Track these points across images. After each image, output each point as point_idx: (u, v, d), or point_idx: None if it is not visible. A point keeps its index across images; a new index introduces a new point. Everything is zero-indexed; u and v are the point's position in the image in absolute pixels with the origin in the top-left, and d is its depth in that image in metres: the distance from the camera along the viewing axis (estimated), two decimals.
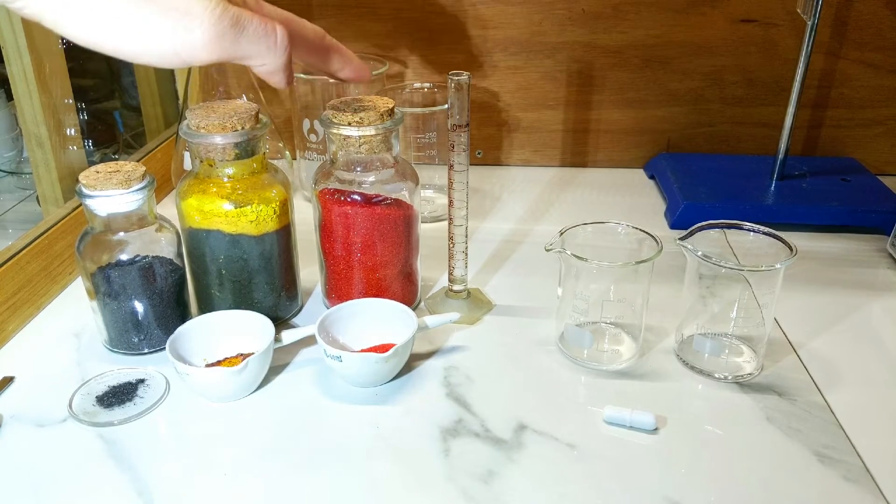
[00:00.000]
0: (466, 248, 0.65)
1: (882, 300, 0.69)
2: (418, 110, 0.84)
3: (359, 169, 0.61)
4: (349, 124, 0.57)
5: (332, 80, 0.82)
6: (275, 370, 0.59)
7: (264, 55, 0.39)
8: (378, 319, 0.60)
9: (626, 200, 0.91)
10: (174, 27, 0.36)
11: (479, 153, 1.01)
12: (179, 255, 0.61)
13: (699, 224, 0.59)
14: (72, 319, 0.66)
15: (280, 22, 0.41)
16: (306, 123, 0.85)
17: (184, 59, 0.38)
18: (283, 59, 0.39)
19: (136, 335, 0.60)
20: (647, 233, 0.59)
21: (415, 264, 0.66)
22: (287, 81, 0.43)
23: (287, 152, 0.89)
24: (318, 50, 0.45)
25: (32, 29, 0.70)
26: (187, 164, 0.81)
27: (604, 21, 0.92)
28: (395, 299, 0.61)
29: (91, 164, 0.62)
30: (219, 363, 0.58)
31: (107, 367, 0.59)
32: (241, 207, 0.59)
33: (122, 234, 0.58)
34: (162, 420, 0.54)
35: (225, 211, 0.58)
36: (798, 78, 0.82)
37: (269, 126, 0.60)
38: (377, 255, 0.62)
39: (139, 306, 0.59)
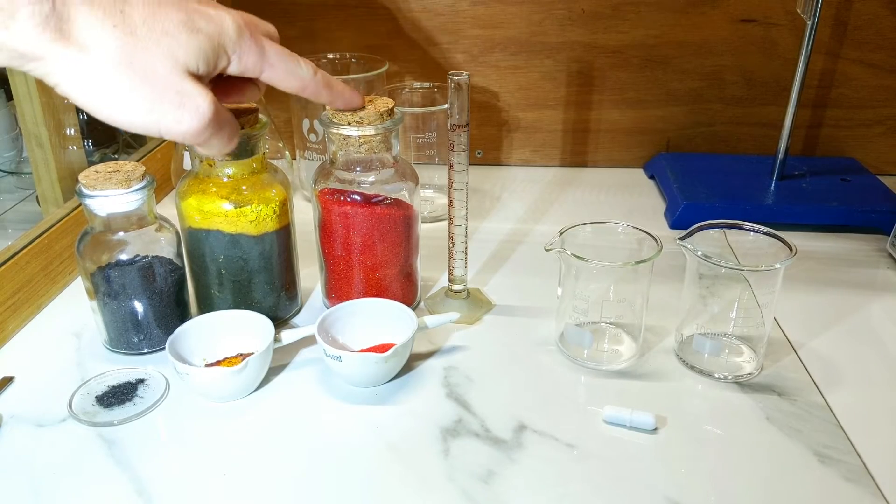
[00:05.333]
0: (466, 248, 0.65)
1: (882, 300, 0.69)
2: (418, 110, 0.84)
3: (359, 169, 0.61)
4: (349, 124, 0.57)
5: None
6: (275, 370, 0.59)
7: (215, 149, 0.45)
8: (378, 319, 0.60)
9: (626, 200, 0.91)
10: (167, 112, 0.40)
11: (479, 153, 1.01)
12: (179, 254, 0.61)
13: (699, 224, 0.59)
14: (72, 319, 0.66)
15: (276, 65, 0.46)
16: (306, 123, 0.85)
17: (163, 136, 0.42)
18: (223, 152, 0.46)
19: (135, 335, 0.60)
20: (646, 233, 0.59)
21: (415, 264, 0.66)
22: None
23: (287, 152, 0.89)
24: (308, 88, 0.49)
25: None
26: (187, 164, 0.81)
27: (604, 21, 0.92)
28: (394, 299, 0.61)
29: (91, 164, 0.61)
30: (219, 363, 0.58)
31: (107, 367, 0.59)
32: (240, 207, 0.59)
33: (121, 233, 0.58)
34: (162, 420, 0.54)
35: (225, 211, 0.58)
36: (798, 78, 0.82)
37: (269, 126, 0.60)
38: (377, 255, 0.62)
39: (139, 306, 0.59)
